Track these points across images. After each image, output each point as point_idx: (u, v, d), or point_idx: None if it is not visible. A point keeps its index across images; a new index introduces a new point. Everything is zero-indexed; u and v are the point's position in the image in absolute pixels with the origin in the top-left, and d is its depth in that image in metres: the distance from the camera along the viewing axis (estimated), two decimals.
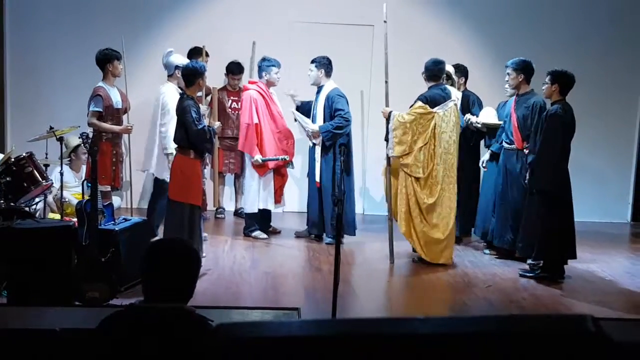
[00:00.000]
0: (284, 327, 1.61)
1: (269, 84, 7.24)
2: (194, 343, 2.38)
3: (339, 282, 4.44)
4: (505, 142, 6.71)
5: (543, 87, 6.18)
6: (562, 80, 5.99)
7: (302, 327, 1.63)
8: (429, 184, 6.49)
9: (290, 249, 7.04)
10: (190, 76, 5.97)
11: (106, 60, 6.85)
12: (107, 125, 6.79)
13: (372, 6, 8.59)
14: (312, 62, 7.24)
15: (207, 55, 7.69)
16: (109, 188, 6.91)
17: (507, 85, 6.74)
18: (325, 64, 7.20)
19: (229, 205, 8.60)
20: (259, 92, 7.15)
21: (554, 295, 5.88)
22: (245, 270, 6.24)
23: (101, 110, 6.69)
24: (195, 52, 7.81)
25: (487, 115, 7.07)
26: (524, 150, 6.46)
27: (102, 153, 6.71)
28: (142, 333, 2.43)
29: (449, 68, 6.93)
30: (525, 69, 6.53)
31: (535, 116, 6.28)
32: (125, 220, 5.74)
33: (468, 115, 7.13)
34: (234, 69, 8.14)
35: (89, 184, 5.39)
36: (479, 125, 7.11)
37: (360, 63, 8.57)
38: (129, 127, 6.90)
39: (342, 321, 1.79)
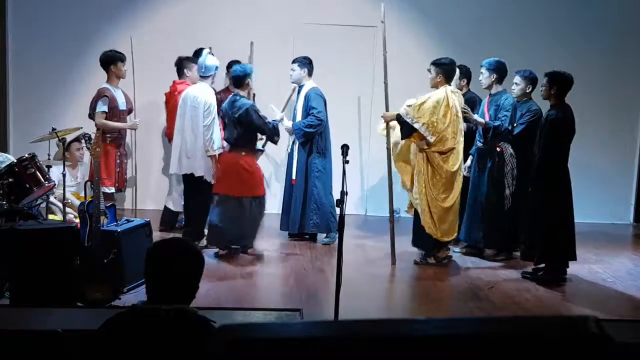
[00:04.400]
0: (286, 329, 1.61)
1: (191, 81, 7.22)
2: (196, 344, 2.39)
3: (341, 283, 4.44)
4: (479, 141, 6.83)
5: (541, 89, 6.19)
6: (561, 82, 5.99)
7: (304, 328, 1.63)
8: (452, 155, 6.40)
9: (291, 249, 7.03)
10: (241, 77, 6.49)
11: (110, 61, 6.87)
12: (115, 124, 6.90)
13: (374, 7, 8.60)
14: (294, 61, 7.30)
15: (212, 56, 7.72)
16: (113, 190, 6.92)
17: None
18: (307, 64, 7.29)
19: None
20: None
21: (557, 296, 5.88)
22: (248, 271, 6.24)
23: (107, 110, 6.74)
24: (200, 54, 7.83)
25: None
26: (497, 149, 6.60)
27: (106, 154, 6.74)
28: (145, 334, 2.43)
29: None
30: (498, 70, 6.70)
31: (509, 113, 6.54)
32: (128, 221, 5.74)
33: (475, 116, 7.11)
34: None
35: (92, 186, 5.39)
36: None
37: (362, 64, 8.56)
38: (136, 123, 7.07)
39: (344, 322, 1.78)
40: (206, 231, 6.83)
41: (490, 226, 6.75)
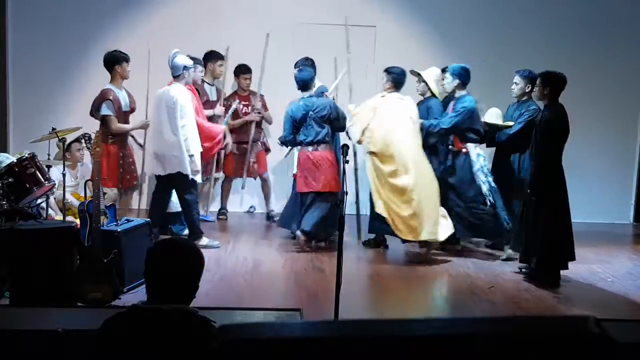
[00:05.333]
0: (286, 328, 1.62)
1: (194, 82, 7.31)
2: (196, 344, 2.39)
3: (342, 283, 4.44)
4: (448, 143, 7.00)
5: (534, 90, 6.25)
6: (554, 82, 5.98)
7: (305, 328, 1.63)
8: (388, 159, 6.67)
9: (292, 249, 7.03)
10: (309, 81, 6.98)
11: (115, 61, 6.89)
12: (128, 126, 7.08)
13: (373, 7, 8.62)
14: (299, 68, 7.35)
15: (222, 58, 7.78)
16: (115, 190, 6.95)
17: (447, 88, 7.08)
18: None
19: (233, 207, 8.63)
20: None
21: (557, 296, 5.88)
22: (248, 271, 6.25)
23: (114, 113, 6.84)
24: (212, 56, 7.86)
25: (491, 116, 7.07)
26: (462, 150, 6.86)
27: (108, 155, 6.76)
28: (145, 334, 2.43)
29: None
30: (460, 75, 6.89)
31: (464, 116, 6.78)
32: (128, 221, 5.75)
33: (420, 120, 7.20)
34: (244, 69, 8.14)
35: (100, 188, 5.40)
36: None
37: (362, 64, 8.55)
38: (147, 123, 7.24)
39: (344, 322, 1.79)
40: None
41: (469, 221, 6.87)
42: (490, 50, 8.64)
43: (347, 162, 4.92)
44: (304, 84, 7.00)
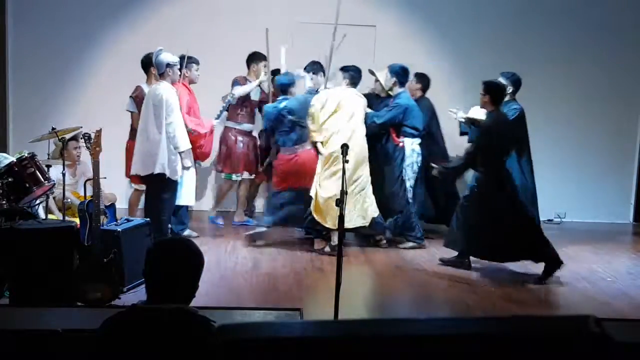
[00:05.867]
0: (286, 328, 1.61)
1: (190, 81, 7.36)
2: (196, 344, 2.39)
3: (341, 282, 4.44)
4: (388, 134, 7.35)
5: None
6: (492, 91, 6.28)
7: (304, 328, 1.63)
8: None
9: (292, 249, 7.03)
10: (286, 85, 7.11)
11: (151, 63, 6.96)
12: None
13: (373, 7, 8.61)
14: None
15: (265, 59, 7.76)
16: (143, 187, 7.07)
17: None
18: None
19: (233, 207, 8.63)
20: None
21: (556, 295, 5.88)
22: (247, 270, 6.25)
23: (136, 110, 7.13)
24: (255, 57, 7.83)
25: (475, 111, 7.13)
26: (399, 143, 7.21)
27: (128, 150, 7.19)
28: (145, 334, 2.43)
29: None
30: (399, 74, 7.21)
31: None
32: (128, 220, 5.74)
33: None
34: (259, 55, 7.98)
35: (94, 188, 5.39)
36: (462, 120, 7.39)
37: (361, 64, 8.54)
38: None
39: (344, 322, 1.78)
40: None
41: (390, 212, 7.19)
42: (489, 50, 8.64)
43: (347, 161, 4.92)
44: (282, 88, 7.15)
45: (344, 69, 7.19)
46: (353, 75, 7.13)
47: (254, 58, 7.97)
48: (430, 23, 8.77)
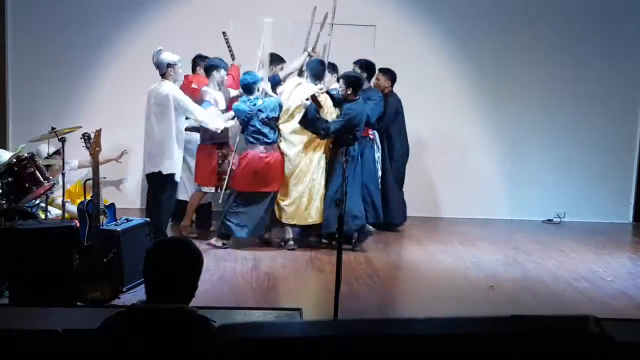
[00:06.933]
0: (286, 328, 1.61)
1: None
2: (196, 343, 2.38)
3: (341, 282, 4.44)
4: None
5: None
6: (351, 82, 6.93)
7: (304, 327, 1.63)
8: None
9: (292, 249, 7.03)
10: (251, 84, 6.90)
11: (212, 67, 7.20)
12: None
13: (373, 6, 8.60)
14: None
15: (284, 61, 7.74)
16: (210, 189, 7.22)
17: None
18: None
19: None
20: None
21: (557, 296, 5.88)
22: (247, 270, 6.24)
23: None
24: (276, 59, 7.79)
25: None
26: (370, 135, 7.49)
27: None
28: (144, 334, 2.43)
29: None
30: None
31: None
32: (127, 220, 5.74)
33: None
34: (276, 58, 7.90)
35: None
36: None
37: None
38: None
39: (344, 322, 1.78)
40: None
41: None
42: (490, 49, 8.64)
43: (347, 161, 4.93)
44: (245, 87, 6.95)
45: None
46: (313, 69, 7.12)
47: (272, 60, 7.90)
48: (431, 22, 8.77)
